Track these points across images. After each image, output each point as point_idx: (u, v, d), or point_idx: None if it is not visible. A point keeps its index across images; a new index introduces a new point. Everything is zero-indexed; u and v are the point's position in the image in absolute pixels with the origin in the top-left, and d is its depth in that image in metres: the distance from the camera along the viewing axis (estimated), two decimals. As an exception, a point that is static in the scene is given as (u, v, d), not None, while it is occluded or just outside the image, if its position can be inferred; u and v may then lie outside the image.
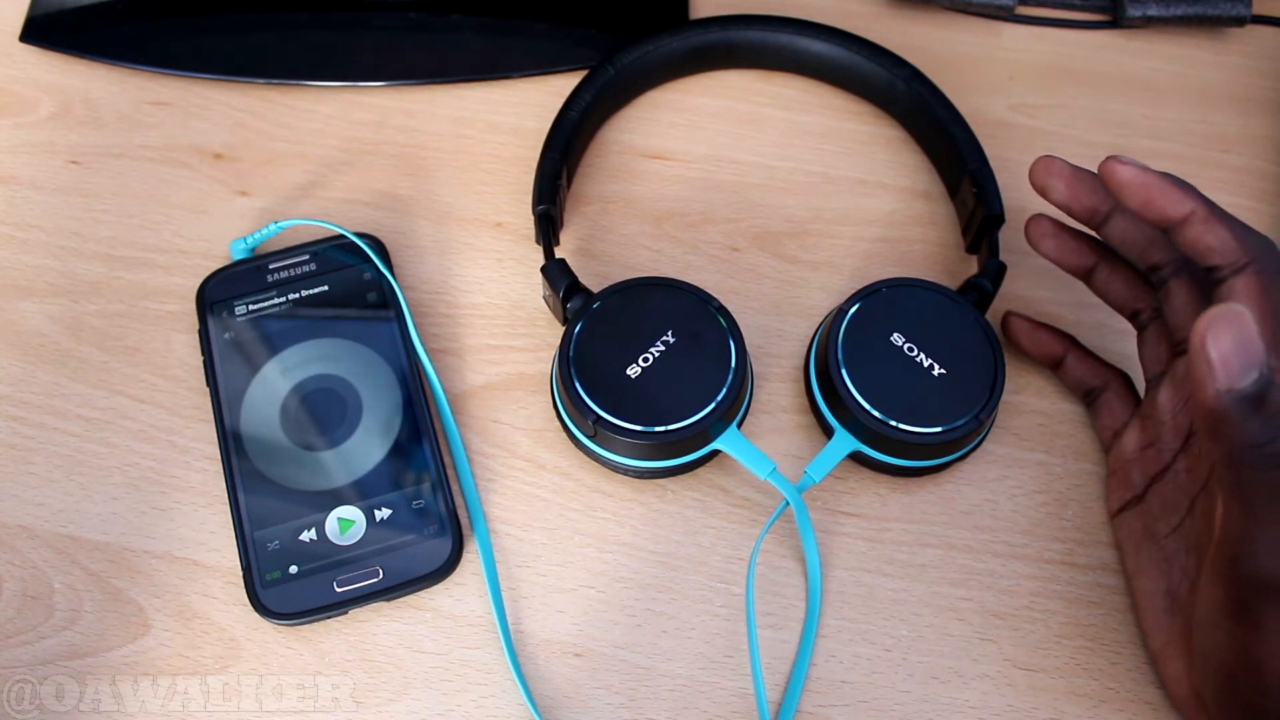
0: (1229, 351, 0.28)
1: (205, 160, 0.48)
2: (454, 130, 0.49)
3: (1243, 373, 0.28)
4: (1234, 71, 0.52)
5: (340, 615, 0.39)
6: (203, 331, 0.43)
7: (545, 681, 0.38)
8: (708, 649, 0.39)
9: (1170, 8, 0.51)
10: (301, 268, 0.44)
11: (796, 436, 0.43)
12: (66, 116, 0.49)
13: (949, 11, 0.53)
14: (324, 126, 0.49)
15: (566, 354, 0.39)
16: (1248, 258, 0.33)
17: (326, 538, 0.39)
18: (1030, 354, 0.43)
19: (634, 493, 0.41)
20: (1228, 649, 0.33)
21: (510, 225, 0.47)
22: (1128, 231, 0.38)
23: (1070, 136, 0.50)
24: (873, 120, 0.50)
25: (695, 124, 0.49)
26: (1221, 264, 0.34)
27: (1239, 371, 0.28)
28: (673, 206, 0.47)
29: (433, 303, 0.45)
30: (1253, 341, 0.28)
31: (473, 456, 0.42)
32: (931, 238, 0.47)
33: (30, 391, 0.43)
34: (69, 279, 0.45)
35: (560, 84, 0.49)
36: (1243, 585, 0.31)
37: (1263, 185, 0.49)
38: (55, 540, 0.40)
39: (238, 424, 0.41)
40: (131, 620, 0.39)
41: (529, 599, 0.40)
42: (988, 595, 0.40)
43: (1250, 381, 0.28)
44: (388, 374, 0.42)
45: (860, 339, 0.40)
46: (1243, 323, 0.28)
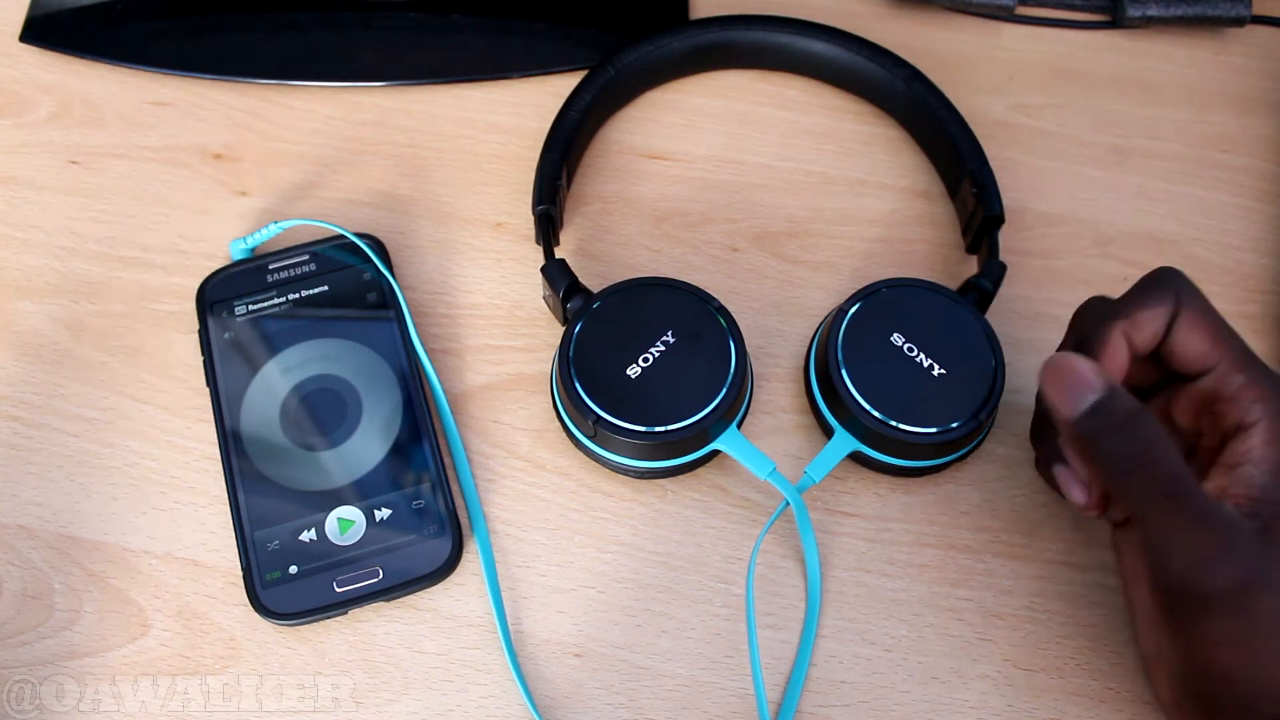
0: (1061, 389, 0.33)
1: (205, 160, 0.48)
2: (454, 130, 0.49)
3: (1080, 399, 0.33)
4: (1234, 71, 0.51)
5: (340, 615, 0.39)
6: (203, 332, 0.43)
7: (545, 681, 0.38)
8: (708, 649, 0.39)
9: (1170, 8, 0.51)
10: (301, 268, 0.44)
11: (796, 436, 0.43)
12: (66, 116, 0.49)
13: (949, 11, 0.53)
14: (324, 126, 0.49)
15: (566, 354, 0.39)
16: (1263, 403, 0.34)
17: (326, 538, 0.39)
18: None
19: (634, 493, 0.41)
20: (1173, 658, 0.33)
21: (510, 225, 0.47)
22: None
23: (1070, 136, 0.49)
24: (873, 120, 0.50)
25: (695, 124, 0.49)
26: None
27: (1078, 399, 0.33)
28: (673, 206, 0.47)
29: (433, 303, 0.45)
30: (1078, 373, 0.33)
31: (473, 456, 0.42)
32: (931, 238, 0.47)
33: (30, 391, 0.43)
34: (69, 279, 0.45)
35: (560, 84, 0.49)
36: (1163, 595, 0.33)
37: (1263, 185, 0.49)
38: (55, 540, 0.40)
39: (238, 424, 0.41)
40: (131, 620, 0.39)
41: (529, 599, 0.40)
42: (988, 595, 0.40)
43: (1088, 404, 0.32)
44: (388, 374, 0.42)
45: (860, 339, 0.40)
46: (1066, 363, 0.33)
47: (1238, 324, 0.45)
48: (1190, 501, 0.31)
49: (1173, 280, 0.36)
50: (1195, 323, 0.35)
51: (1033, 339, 0.44)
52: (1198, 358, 0.35)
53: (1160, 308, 0.35)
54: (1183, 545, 0.32)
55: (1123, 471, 0.32)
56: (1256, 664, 0.31)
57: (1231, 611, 0.31)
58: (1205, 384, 0.35)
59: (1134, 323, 0.35)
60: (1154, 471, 0.32)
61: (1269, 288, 0.46)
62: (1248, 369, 0.34)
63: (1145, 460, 0.32)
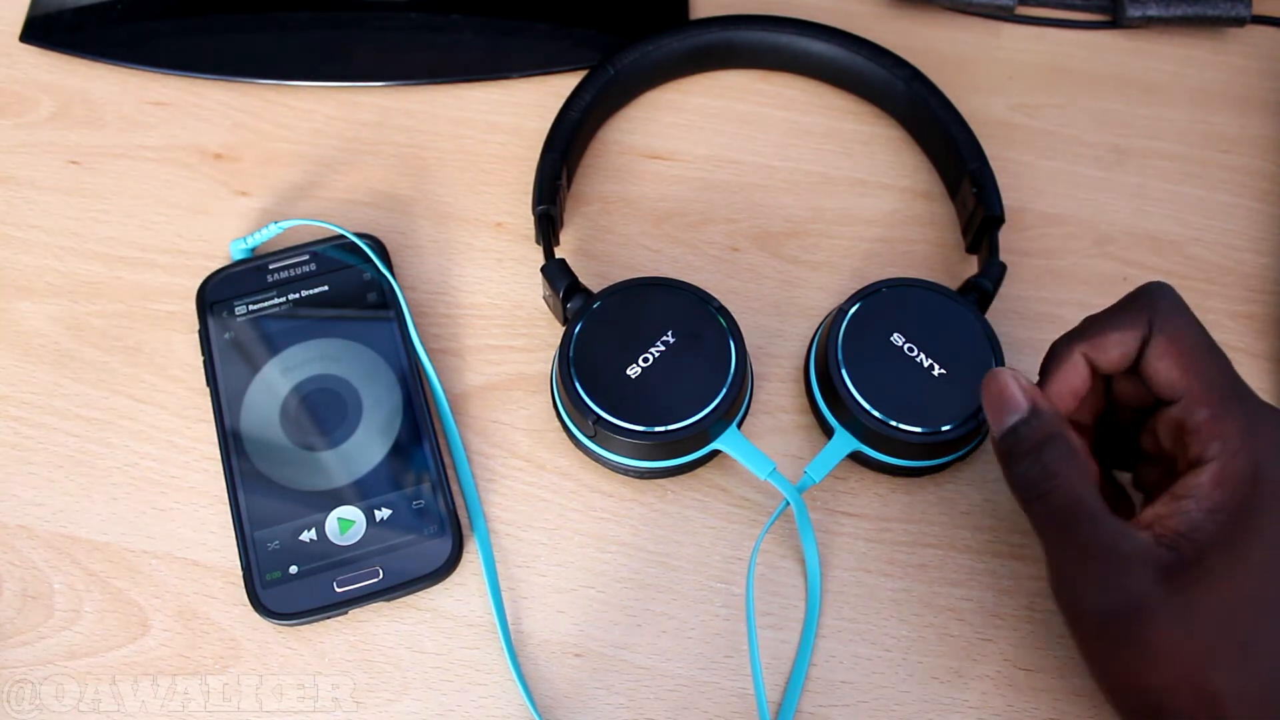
0: (990, 405, 0.35)
1: (205, 160, 0.48)
2: (454, 130, 0.49)
3: (1005, 418, 0.34)
4: (1234, 71, 0.51)
5: (340, 615, 0.39)
6: (203, 331, 0.43)
7: (545, 681, 0.38)
8: (708, 649, 0.39)
9: (1170, 8, 0.51)
10: (301, 268, 0.44)
11: (796, 436, 0.43)
12: (66, 116, 0.49)
13: (949, 11, 0.53)
14: (324, 126, 0.49)
15: (566, 354, 0.39)
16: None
17: (326, 538, 0.39)
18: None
19: (634, 493, 0.41)
20: (1097, 679, 0.34)
21: (510, 225, 0.47)
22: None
23: (1070, 136, 0.49)
24: (873, 120, 0.50)
25: (695, 124, 0.49)
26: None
27: (1003, 418, 0.34)
28: (673, 206, 0.47)
29: (433, 303, 0.45)
30: (1006, 392, 0.34)
31: (473, 456, 0.42)
32: (931, 238, 0.47)
33: (30, 391, 0.43)
34: (69, 279, 0.45)
35: (560, 84, 0.49)
36: (1067, 619, 0.33)
37: (1263, 185, 0.49)
38: (55, 540, 0.40)
39: (238, 424, 0.41)
40: (131, 620, 0.39)
41: (529, 599, 0.40)
42: (988, 595, 0.40)
43: (1008, 424, 0.34)
44: (388, 374, 0.42)
45: (860, 339, 0.40)
46: (998, 381, 0.34)
47: (1238, 324, 0.45)
48: (1083, 530, 0.32)
49: (1152, 300, 0.34)
50: (1166, 349, 0.34)
51: (1033, 339, 0.44)
52: (1167, 385, 0.34)
53: (1130, 331, 0.34)
54: (1072, 572, 0.32)
55: (1025, 498, 0.34)
56: (1153, 689, 0.31)
57: (1120, 639, 0.32)
58: (1175, 412, 0.34)
59: (1097, 344, 0.35)
60: (1052, 500, 0.33)
61: (1269, 288, 0.46)
62: (1214, 404, 0.33)
63: (1045, 490, 0.33)
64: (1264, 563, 0.31)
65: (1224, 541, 0.31)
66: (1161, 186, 0.48)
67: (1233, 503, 0.31)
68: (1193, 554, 0.31)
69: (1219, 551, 0.31)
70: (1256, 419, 0.33)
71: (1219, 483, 0.32)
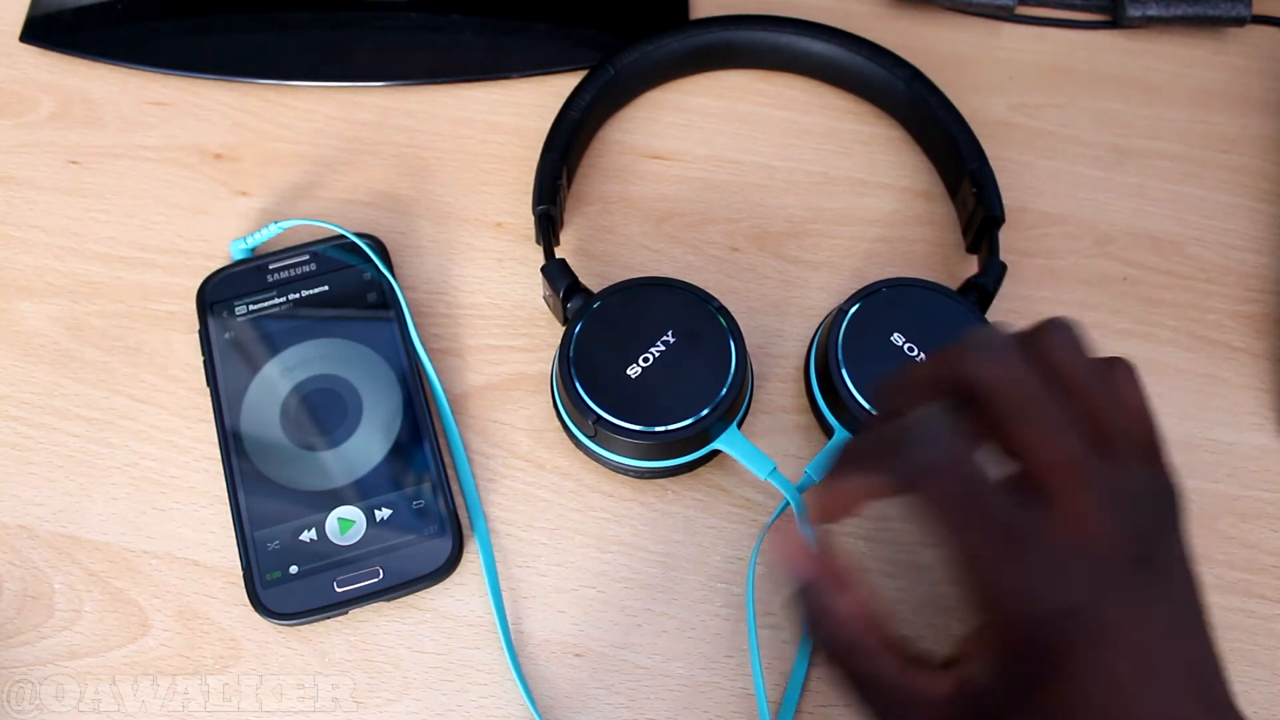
0: (777, 558, 0.32)
1: (205, 160, 0.48)
2: (454, 130, 0.49)
3: (790, 577, 0.32)
4: (1234, 71, 0.51)
5: (340, 615, 0.39)
6: (203, 331, 0.43)
7: (545, 681, 0.38)
8: (708, 649, 0.39)
9: (1170, 8, 0.51)
10: (301, 268, 0.44)
11: (796, 436, 0.42)
12: (66, 116, 0.49)
13: (949, 11, 0.53)
14: (324, 126, 0.49)
15: (566, 354, 0.39)
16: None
17: (327, 538, 0.39)
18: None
19: (634, 493, 0.41)
20: None
21: (510, 225, 0.47)
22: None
23: (1070, 136, 0.50)
24: (873, 120, 0.50)
25: (695, 124, 0.49)
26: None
27: (788, 575, 0.32)
28: (673, 206, 0.47)
29: (433, 303, 0.45)
30: (791, 553, 0.32)
31: (473, 456, 0.42)
32: (931, 238, 0.47)
33: (30, 391, 0.43)
34: (69, 279, 0.45)
35: (560, 84, 0.49)
36: None
37: (1263, 185, 0.49)
38: (55, 540, 0.40)
39: (238, 424, 0.41)
40: (131, 620, 0.39)
41: (529, 599, 0.40)
42: (988, 595, 0.40)
43: (795, 588, 0.32)
44: (388, 374, 0.42)
45: (860, 339, 0.40)
46: (783, 536, 0.32)
47: (1238, 324, 0.45)
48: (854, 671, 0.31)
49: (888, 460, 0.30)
50: (917, 514, 0.29)
51: (1033, 339, 0.44)
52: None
53: (860, 488, 0.31)
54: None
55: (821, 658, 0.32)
56: None
57: None
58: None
59: (840, 493, 0.32)
60: (840, 671, 0.31)
61: (1269, 288, 0.46)
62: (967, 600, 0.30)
63: (831, 657, 0.31)
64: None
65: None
66: (1161, 186, 0.48)
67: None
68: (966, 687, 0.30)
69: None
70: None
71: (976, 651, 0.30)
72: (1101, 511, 0.28)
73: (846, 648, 0.31)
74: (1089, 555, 0.28)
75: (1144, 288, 0.46)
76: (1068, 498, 0.29)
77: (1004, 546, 0.28)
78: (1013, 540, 0.28)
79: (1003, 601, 0.29)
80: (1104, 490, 0.29)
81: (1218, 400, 0.44)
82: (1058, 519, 0.29)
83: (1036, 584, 0.28)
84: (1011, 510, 0.29)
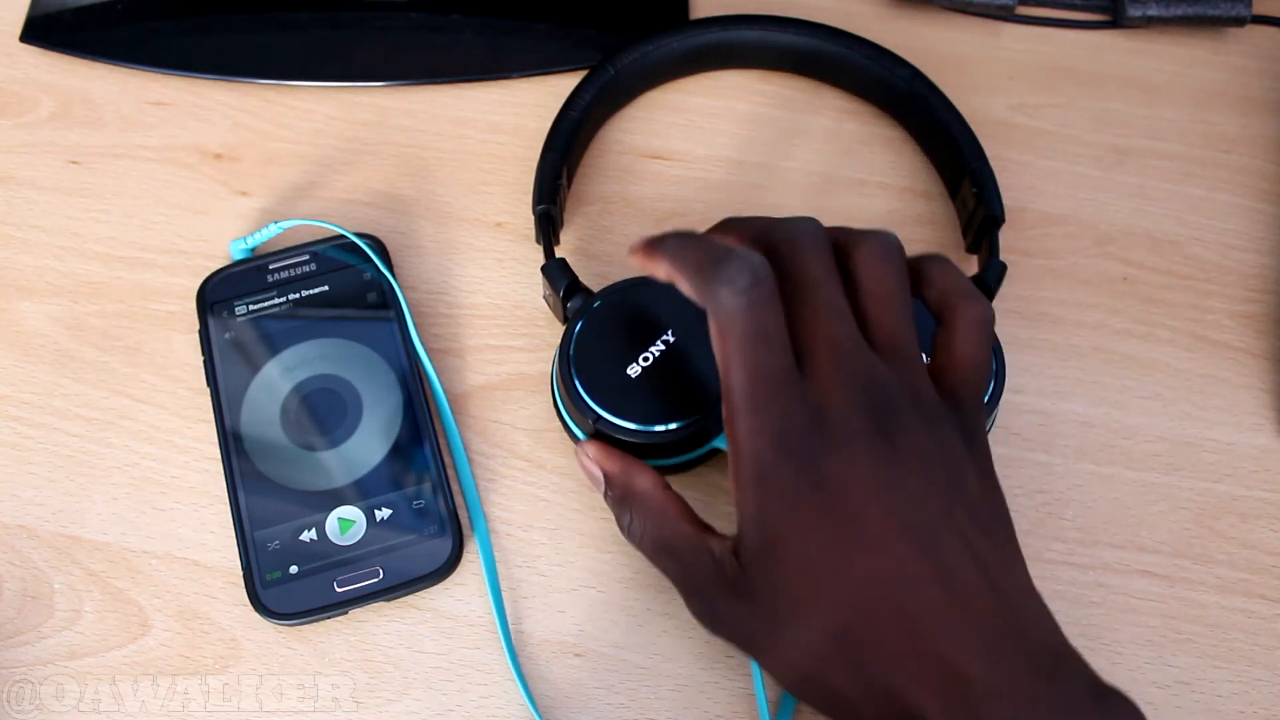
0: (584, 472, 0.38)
1: (205, 160, 0.48)
2: (454, 130, 0.49)
3: (597, 489, 0.38)
4: (1234, 71, 0.52)
5: (340, 615, 0.39)
6: (203, 331, 0.43)
7: (545, 681, 0.38)
8: (708, 649, 0.39)
9: (1170, 8, 0.51)
10: (301, 268, 0.44)
11: (797, 436, 0.42)
12: (66, 116, 0.49)
13: (949, 11, 0.53)
14: (324, 126, 0.49)
15: (566, 353, 0.39)
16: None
17: (327, 538, 0.39)
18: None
19: (634, 493, 0.41)
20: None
21: (510, 225, 0.47)
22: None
23: (1070, 136, 0.50)
24: (873, 120, 0.50)
25: (695, 124, 0.49)
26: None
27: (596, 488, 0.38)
28: (673, 206, 0.47)
29: (433, 303, 0.45)
30: (587, 473, 0.38)
31: (473, 456, 0.42)
32: (931, 238, 0.47)
33: (30, 391, 0.43)
34: (69, 279, 0.45)
35: (560, 84, 0.49)
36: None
37: (1263, 185, 0.49)
38: (55, 540, 0.40)
39: (238, 424, 0.41)
40: (131, 620, 0.39)
41: (529, 599, 0.40)
42: (988, 595, 0.40)
43: (601, 492, 0.38)
44: (388, 374, 0.42)
45: (860, 339, 0.40)
46: (578, 459, 0.39)
47: (1238, 324, 0.45)
48: (682, 557, 0.36)
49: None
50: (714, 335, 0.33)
51: (1033, 339, 0.44)
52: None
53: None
54: (689, 597, 0.36)
55: (633, 545, 0.37)
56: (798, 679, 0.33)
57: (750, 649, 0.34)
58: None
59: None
60: (648, 545, 0.36)
61: (1269, 288, 0.46)
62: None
63: (640, 537, 0.36)
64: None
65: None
66: (1161, 186, 0.48)
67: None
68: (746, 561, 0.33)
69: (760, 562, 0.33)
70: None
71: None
72: (846, 386, 0.32)
73: (656, 515, 0.36)
74: (826, 419, 0.32)
75: (1144, 288, 0.46)
76: (822, 369, 0.32)
77: (765, 386, 0.32)
78: (774, 382, 0.32)
79: (738, 441, 0.32)
80: (856, 374, 0.32)
81: (1218, 400, 0.44)
82: (807, 384, 0.32)
83: (772, 425, 0.32)
84: (787, 359, 0.32)
